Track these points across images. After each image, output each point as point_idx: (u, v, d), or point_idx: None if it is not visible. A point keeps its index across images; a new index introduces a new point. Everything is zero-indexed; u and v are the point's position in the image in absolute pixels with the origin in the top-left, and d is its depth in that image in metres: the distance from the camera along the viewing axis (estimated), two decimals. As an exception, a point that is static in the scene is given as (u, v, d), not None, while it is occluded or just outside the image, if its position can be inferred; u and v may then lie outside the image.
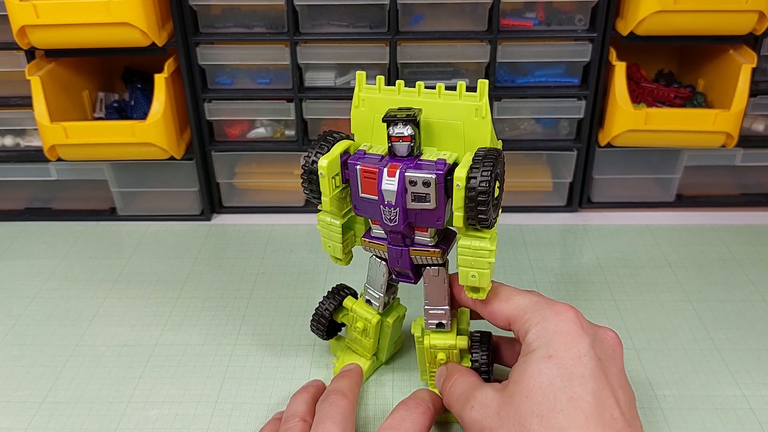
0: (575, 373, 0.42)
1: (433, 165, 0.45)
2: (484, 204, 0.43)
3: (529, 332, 0.45)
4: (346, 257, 0.54)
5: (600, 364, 0.43)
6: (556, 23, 0.76)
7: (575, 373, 0.42)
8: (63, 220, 0.85)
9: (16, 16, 0.70)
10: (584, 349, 0.43)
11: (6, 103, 0.80)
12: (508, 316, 0.48)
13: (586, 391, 0.41)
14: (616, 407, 0.41)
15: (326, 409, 0.49)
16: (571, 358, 0.42)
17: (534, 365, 0.43)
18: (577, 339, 0.43)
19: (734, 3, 0.70)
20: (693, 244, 0.78)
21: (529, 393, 0.42)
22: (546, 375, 0.42)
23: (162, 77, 0.76)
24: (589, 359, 0.42)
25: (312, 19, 0.76)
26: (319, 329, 0.58)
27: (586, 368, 0.42)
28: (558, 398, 0.41)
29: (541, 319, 0.45)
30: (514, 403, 0.42)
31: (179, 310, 0.68)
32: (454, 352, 0.52)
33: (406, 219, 0.47)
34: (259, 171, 0.87)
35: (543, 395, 0.41)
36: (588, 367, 0.42)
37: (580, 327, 0.44)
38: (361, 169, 0.47)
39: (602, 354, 0.44)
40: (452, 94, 0.47)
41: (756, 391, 0.56)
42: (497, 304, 0.49)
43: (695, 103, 0.83)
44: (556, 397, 0.41)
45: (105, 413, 0.55)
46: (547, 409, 0.41)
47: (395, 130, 0.45)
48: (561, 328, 0.44)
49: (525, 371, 0.43)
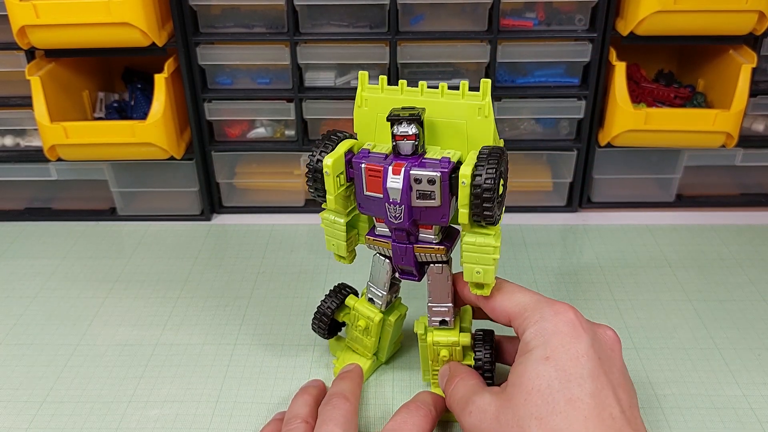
0: (573, 375, 0.42)
1: (437, 163, 0.46)
2: (489, 201, 0.43)
3: (527, 330, 0.45)
4: (350, 255, 0.54)
5: (599, 364, 0.43)
6: (556, 23, 0.76)
7: (573, 375, 0.42)
8: (63, 220, 0.85)
9: (16, 16, 0.70)
10: (583, 349, 0.43)
11: (6, 103, 0.80)
12: (509, 313, 0.48)
13: (584, 392, 0.41)
14: (615, 406, 0.41)
15: (329, 412, 0.49)
16: (569, 359, 0.42)
17: (532, 367, 0.43)
18: (575, 339, 0.43)
19: (734, 3, 0.70)
20: (693, 244, 0.78)
21: (528, 396, 0.42)
22: (544, 377, 0.42)
23: (162, 77, 0.76)
24: (587, 359, 0.42)
25: (312, 19, 0.76)
26: (320, 327, 0.58)
27: (584, 369, 0.42)
28: (556, 400, 0.41)
29: (539, 318, 0.45)
30: (512, 406, 0.42)
31: (179, 310, 0.68)
32: (457, 349, 0.52)
33: (411, 216, 0.47)
34: (259, 171, 0.87)
35: (541, 398, 0.41)
36: (586, 367, 0.42)
37: (579, 327, 0.44)
38: (365, 168, 0.47)
39: (601, 353, 0.44)
40: (455, 93, 0.47)
41: (756, 390, 0.56)
42: (499, 300, 0.49)
43: (695, 103, 0.83)
44: (555, 399, 0.41)
45: (106, 413, 0.55)
46: (546, 412, 0.40)
47: (400, 129, 0.46)
48: (559, 328, 0.44)
49: (523, 373, 0.43)
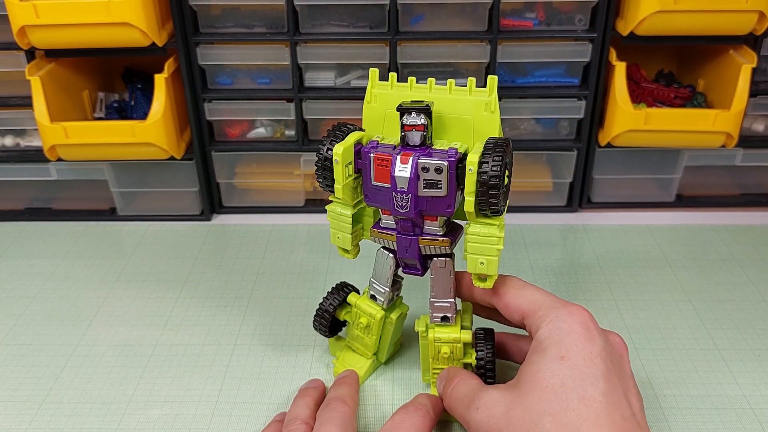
0: (587, 374, 0.42)
1: (444, 153, 0.47)
2: (495, 188, 0.44)
3: (541, 328, 0.45)
4: (354, 249, 0.55)
5: (612, 366, 0.43)
6: (556, 23, 0.76)
7: (587, 374, 0.42)
8: (63, 220, 0.85)
9: (16, 16, 0.70)
10: (596, 351, 0.43)
11: (6, 103, 0.80)
12: (523, 310, 0.48)
13: (598, 391, 0.41)
14: (627, 408, 0.42)
15: (327, 414, 0.49)
16: (583, 359, 0.43)
17: (546, 366, 0.43)
18: (589, 341, 0.44)
19: (734, 3, 0.70)
20: (693, 244, 0.78)
21: (542, 393, 0.42)
22: (558, 376, 0.42)
23: (162, 77, 0.76)
24: (600, 360, 0.43)
25: (312, 19, 0.76)
26: (322, 325, 0.58)
27: (598, 369, 0.42)
28: (570, 398, 0.41)
29: (554, 317, 0.45)
30: (524, 402, 0.42)
31: (179, 310, 0.68)
32: (458, 346, 0.52)
33: (417, 206, 0.48)
34: (259, 171, 0.87)
35: (555, 395, 0.41)
36: (600, 368, 0.42)
37: (592, 329, 0.45)
38: (374, 157, 0.48)
39: (613, 357, 0.45)
40: (462, 89, 0.49)
41: (756, 390, 0.56)
42: (513, 296, 0.49)
43: (695, 103, 0.83)
44: (568, 396, 0.41)
45: (105, 413, 0.55)
46: (559, 408, 0.41)
47: (409, 119, 0.47)
48: (574, 329, 0.44)
49: (537, 372, 0.43)
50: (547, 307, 0.47)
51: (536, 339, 0.45)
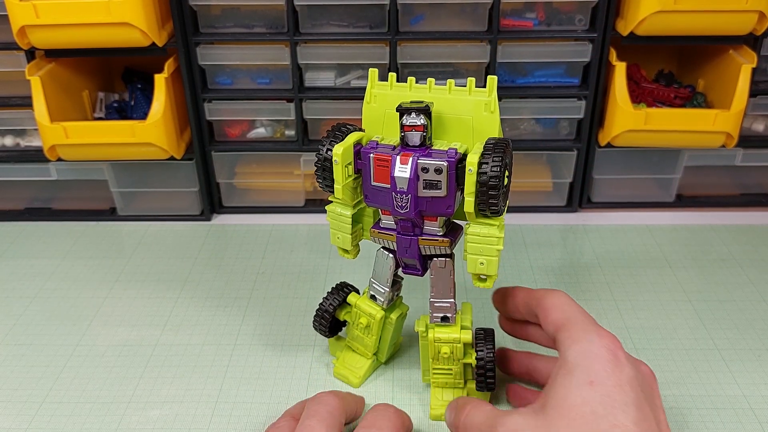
0: (618, 401, 0.41)
1: (444, 153, 0.47)
2: (495, 189, 0.44)
3: (571, 348, 0.44)
4: (354, 250, 0.55)
5: (642, 396, 0.42)
6: (556, 23, 0.76)
7: (618, 401, 0.41)
8: (63, 220, 0.85)
9: (16, 16, 0.70)
10: (625, 378, 0.42)
11: (6, 103, 0.80)
12: (560, 323, 0.47)
13: (629, 419, 0.40)
14: None
15: (314, 407, 0.48)
16: (613, 386, 0.42)
17: (576, 392, 0.42)
18: (618, 368, 0.43)
19: (734, 3, 0.70)
20: (693, 244, 0.78)
21: (571, 421, 0.41)
22: (589, 403, 0.41)
23: (162, 77, 0.76)
24: (630, 389, 0.42)
25: (312, 19, 0.76)
26: (322, 325, 0.58)
27: (628, 396, 0.41)
28: (600, 426, 0.40)
29: (584, 338, 0.45)
30: (552, 429, 0.41)
31: (179, 310, 0.68)
32: (458, 346, 0.52)
33: (417, 206, 0.48)
34: (259, 171, 0.87)
35: (585, 423, 0.40)
36: (630, 395, 0.42)
37: (621, 356, 0.44)
38: (374, 157, 0.48)
39: (643, 386, 0.44)
40: (462, 89, 0.49)
41: (756, 390, 0.56)
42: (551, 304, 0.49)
43: (695, 103, 0.83)
44: (599, 424, 0.40)
45: (105, 413, 0.55)
46: None
47: (408, 120, 0.47)
48: (603, 354, 0.43)
49: (566, 397, 0.42)
50: (581, 327, 0.46)
51: (564, 357, 0.44)
